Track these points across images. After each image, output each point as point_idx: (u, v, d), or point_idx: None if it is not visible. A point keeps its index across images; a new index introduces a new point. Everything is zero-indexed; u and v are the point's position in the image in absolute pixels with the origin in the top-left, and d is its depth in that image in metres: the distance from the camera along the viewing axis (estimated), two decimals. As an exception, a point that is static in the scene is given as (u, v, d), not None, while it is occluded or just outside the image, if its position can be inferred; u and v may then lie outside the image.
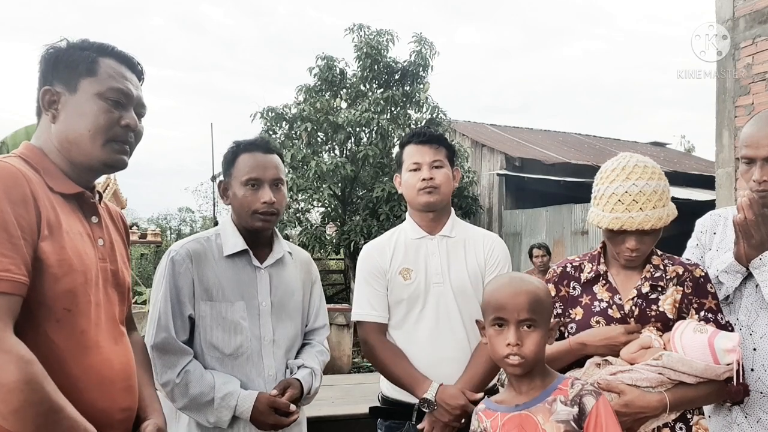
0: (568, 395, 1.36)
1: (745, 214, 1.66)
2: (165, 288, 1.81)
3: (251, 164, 1.87)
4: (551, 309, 1.47)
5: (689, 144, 23.80)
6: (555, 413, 1.34)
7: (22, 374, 1.11)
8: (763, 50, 5.66)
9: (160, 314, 1.79)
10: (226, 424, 1.78)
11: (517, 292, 1.39)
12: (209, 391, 1.76)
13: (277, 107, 11.45)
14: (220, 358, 1.83)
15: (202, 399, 1.76)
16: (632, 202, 1.62)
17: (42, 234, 1.22)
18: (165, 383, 1.76)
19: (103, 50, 1.38)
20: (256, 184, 1.87)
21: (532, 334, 1.37)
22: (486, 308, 1.44)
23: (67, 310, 1.25)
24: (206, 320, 1.83)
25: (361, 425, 2.78)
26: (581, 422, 1.33)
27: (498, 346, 1.39)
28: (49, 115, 1.35)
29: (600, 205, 1.69)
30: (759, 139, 1.69)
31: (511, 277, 1.47)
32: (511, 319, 1.37)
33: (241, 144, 1.94)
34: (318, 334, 2.09)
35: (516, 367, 1.37)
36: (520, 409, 1.38)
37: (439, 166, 2.09)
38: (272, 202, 1.86)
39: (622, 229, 1.62)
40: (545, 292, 1.45)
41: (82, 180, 1.38)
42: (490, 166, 13.30)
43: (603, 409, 1.34)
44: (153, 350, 1.76)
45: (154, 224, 24.73)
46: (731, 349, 1.48)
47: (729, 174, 5.91)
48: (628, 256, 1.66)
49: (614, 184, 1.66)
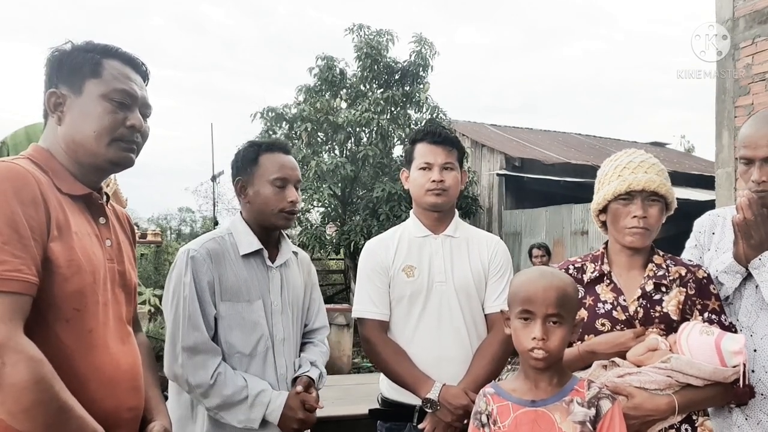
0: (585, 397, 1.37)
1: (744, 214, 1.66)
2: (190, 287, 1.79)
3: (278, 164, 1.91)
4: (578, 305, 1.47)
5: (689, 144, 23.82)
6: (572, 414, 1.35)
7: (33, 374, 1.12)
8: (762, 50, 5.66)
9: (190, 314, 1.78)
10: (257, 424, 1.78)
11: (547, 287, 1.39)
12: (242, 390, 1.78)
13: (277, 107, 11.45)
14: (239, 357, 1.84)
15: (235, 398, 1.77)
16: (637, 167, 1.68)
17: (51, 235, 1.23)
18: (198, 384, 1.76)
19: (107, 52, 1.39)
20: (283, 184, 1.90)
21: (558, 330, 1.37)
22: (513, 300, 1.43)
23: (77, 310, 1.26)
24: (226, 320, 1.84)
25: (361, 426, 2.77)
26: (595, 424, 1.34)
27: (523, 339, 1.39)
28: (55, 118, 1.36)
29: (604, 183, 1.73)
30: (757, 139, 1.69)
31: (542, 271, 1.47)
32: (539, 313, 1.37)
33: (262, 144, 1.98)
34: (319, 333, 2.12)
35: (539, 361, 1.37)
36: (536, 406, 1.38)
37: (450, 168, 2.09)
38: (297, 201, 1.92)
39: (629, 189, 1.65)
40: (573, 288, 1.45)
41: (90, 181, 1.39)
42: (490, 166, 13.29)
43: (618, 414, 1.36)
44: (183, 351, 1.76)
45: (154, 224, 24.70)
46: (738, 351, 1.48)
47: (729, 174, 5.90)
48: (635, 226, 1.65)
49: (617, 161, 1.73)
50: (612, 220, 1.72)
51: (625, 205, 1.67)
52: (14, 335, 1.13)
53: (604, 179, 1.75)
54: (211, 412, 1.80)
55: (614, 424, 1.35)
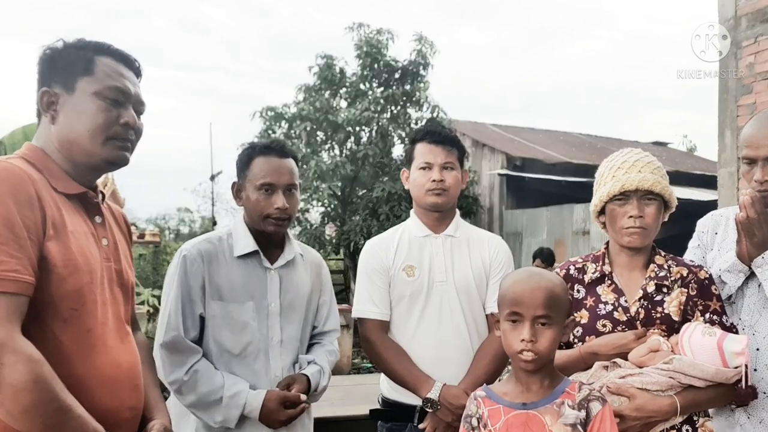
0: (576, 399, 1.37)
1: (747, 212, 1.66)
2: (176, 287, 1.82)
3: (266, 169, 1.88)
4: (567, 306, 1.46)
5: (691, 144, 23.81)
6: (563, 416, 1.34)
7: (31, 374, 1.12)
8: (765, 49, 5.64)
9: (170, 313, 1.80)
10: (233, 424, 1.78)
11: (535, 288, 1.38)
12: (218, 390, 1.77)
13: (276, 107, 11.46)
14: (228, 357, 1.84)
15: (210, 397, 1.77)
16: (631, 166, 1.68)
17: (48, 234, 1.23)
18: (172, 381, 1.77)
19: (99, 49, 1.37)
20: (270, 189, 1.87)
21: (547, 331, 1.37)
22: (502, 302, 1.43)
23: (74, 310, 1.26)
24: (215, 320, 1.85)
25: (362, 426, 2.77)
26: (585, 426, 1.34)
27: (512, 341, 1.39)
28: (48, 117, 1.35)
29: (601, 184, 1.73)
30: (759, 139, 1.69)
31: (530, 272, 1.46)
32: (527, 314, 1.37)
33: (256, 147, 1.95)
34: (328, 335, 2.10)
35: (529, 363, 1.37)
36: (527, 408, 1.38)
37: (450, 168, 2.08)
38: (285, 208, 1.87)
39: (623, 189, 1.65)
40: (562, 288, 1.44)
41: (85, 180, 1.38)
42: (490, 166, 13.28)
43: (608, 416, 1.36)
44: (162, 348, 1.77)
45: (152, 224, 24.78)
46: (740, 352, 1.48)
47: (731, 174, 5.89)
48: (630, 226, 1.65)
49: (612, 161, 1.74)
50: (609, 222, 1.72)
51: (621, 206, 1.67)
52: (12, 336, 1.12)
53: (600, 180, 1.75)
54: (189, 410, 1.81)
55: (605, 426, 1.34)
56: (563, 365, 1.61)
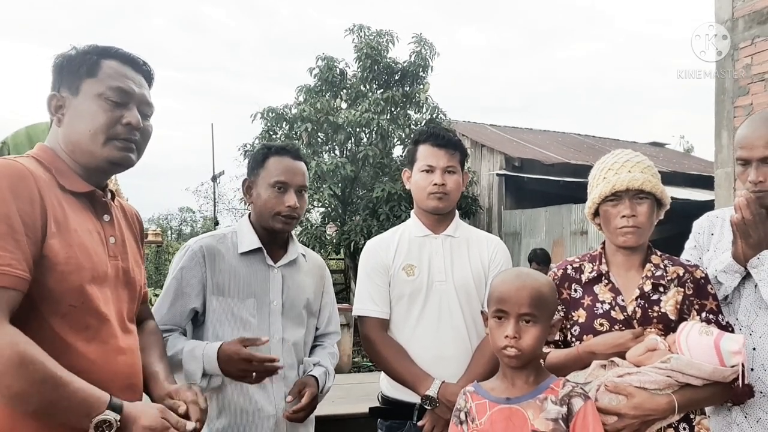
0: (558, 395, 1.40)
1: (743, 213, 1.67)
2: (174, 280, 1.88)
3: (281, 168, 1.92)
4: (554, 306, 1.50)
5: (688, 144, 23.86)
6: (545, 411, 1.38)
7: (19, 356, 1.12)
8: (761, 51, 5.66)
9: (160, 303, 1.87)
10: (198, 378, 1.77)
11: (520, 287, 1.42)
12: (180, 351, 1.79)
13: (277, 108, 11.46)
14: None
15: (174, 359, 1.78)
16: (621, 167, 1.71)
17: (49, 231, 1.24)
18: None
19: (105, 52, 1.39)
20: (283, 188, 1.91)
21: (531, 329, 1.41)
22: (490, 299, 1.48)
23: (73, 306, 1.27)
24: (215, 314, 1.88)
25: (362, 424, 2.78)
26: (568, 422, 1.37)
27: (497, 337, 1.44)
28: (56, 120, 1.37)
29: (593, 186, 1.76)
30: (753, 140, 1.70)
31: (519, 272, 1.50)
32: (512, 312, 1.41)
33: (272, 147, 2.00)
34: (329, 338, 2.14)
35: (512, 359, 1.41)
36: (510, 403, 1.41)
37: (452, 172, 2.10)
38: (295, 207, 1.91)
39: (614, 191, 1.67)
40: (549, 288, 1.47)
41: (93, 180, 1.39)
42: (489, 166, 13.29)
43: (590, 412, 1.39)
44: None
45: (155, 224, 24.73)
46: (737, 351, 1.49)
47: (728, 174, 5.90)
48: (624, 225, 1.67)
49: (604, 163, 1.77)
50: (604, 222, 1.74)
51: (613, 206, 1.69)
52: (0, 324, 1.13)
53: (593, 183, 1.77)
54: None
55: (587, 422, 1.37)
56: (561, 364, 1.64)
